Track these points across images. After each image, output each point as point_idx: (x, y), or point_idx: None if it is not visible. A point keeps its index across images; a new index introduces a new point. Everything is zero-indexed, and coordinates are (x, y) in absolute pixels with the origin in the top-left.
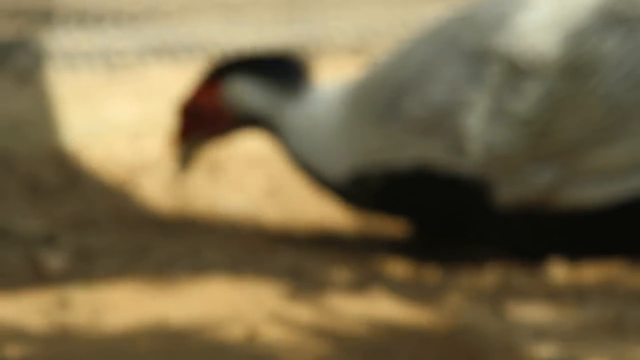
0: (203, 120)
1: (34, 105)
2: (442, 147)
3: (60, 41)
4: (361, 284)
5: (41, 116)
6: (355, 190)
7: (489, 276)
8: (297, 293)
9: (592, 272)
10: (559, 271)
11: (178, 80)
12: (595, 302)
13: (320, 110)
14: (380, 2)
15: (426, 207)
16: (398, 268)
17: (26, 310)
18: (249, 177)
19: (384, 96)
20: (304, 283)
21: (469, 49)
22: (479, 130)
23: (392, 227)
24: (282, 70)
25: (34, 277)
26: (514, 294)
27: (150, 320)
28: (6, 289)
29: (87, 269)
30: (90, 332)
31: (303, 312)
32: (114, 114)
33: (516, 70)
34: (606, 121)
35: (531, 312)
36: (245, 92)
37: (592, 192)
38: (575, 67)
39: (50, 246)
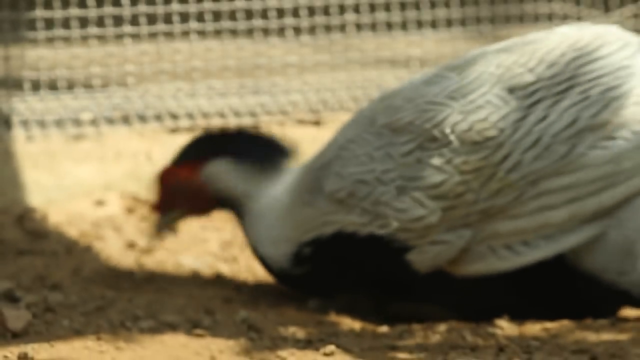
0: (182, 195)
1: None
2: (362, 220)
3: (26, 106)
4: (315, 340)
5: (6, 179)
6: (297, 273)
7: (440, 332)
8: (252, 349)
9: (538, 328)
10: (507, 327)
11: (141, 145)
12: (541, 356)
13: (273, 198)
14: (341, 67)
15: (361, 276)
16: (351, 325)
17: None
18: (204, 237)
19: (310, 177)
20: (258, 340)
21: (383, 127)
22: (392, 202)
23: None
24: (263, 155)
25: None
26: (464, 348)
27: None
28: None
29: (48, 325)
30: None
31: None
32: (78, 177)
33: (424, 145)
34: (515, 190)
35: None
36: (223, 175)
37: (504, 257)
38: (479, 140)
39: (12, 303)
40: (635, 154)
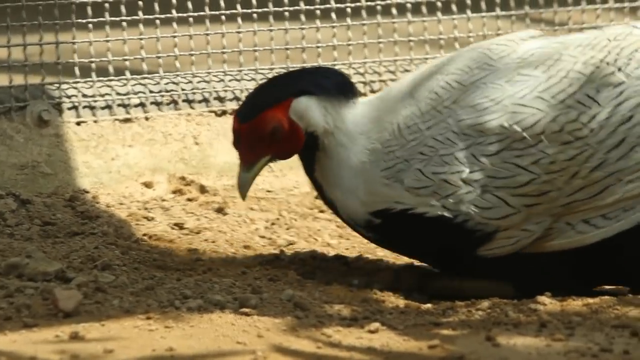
0: (273, 139)
1: (52, 152)
2: (440, 207)
3: (76, 91)
4: (360, 318)
5: (57, 162)
6: (370, 229)
7: (483, 309)
8: (298, 327)
9: (580, 304)
10: (549, 303)
11: (189, 128)
12: (583, 331)
13: (349, 140)
14: (386, 50)
15: (428, 252)
16: (395, 302)
17: (41, 343)
18: (251, 217)
19: (391, 162)
20: (304, 317)
21: (468, 127)
22: (476, 201)
23: (388, 255)
24: (338, 87)
25: (49, 313)
26: (506, 325)
27: (160, 352)
28: (22, 323)
29: (99, 305)
30: None
31: (304, 343)
32: (127, 159)
33: (512, 146)
34: (599, 185)
35: (522, 342)
36: (309, 109)
37: (584, 231)
38: (569, 140)
39: (63, 284)
40: None
